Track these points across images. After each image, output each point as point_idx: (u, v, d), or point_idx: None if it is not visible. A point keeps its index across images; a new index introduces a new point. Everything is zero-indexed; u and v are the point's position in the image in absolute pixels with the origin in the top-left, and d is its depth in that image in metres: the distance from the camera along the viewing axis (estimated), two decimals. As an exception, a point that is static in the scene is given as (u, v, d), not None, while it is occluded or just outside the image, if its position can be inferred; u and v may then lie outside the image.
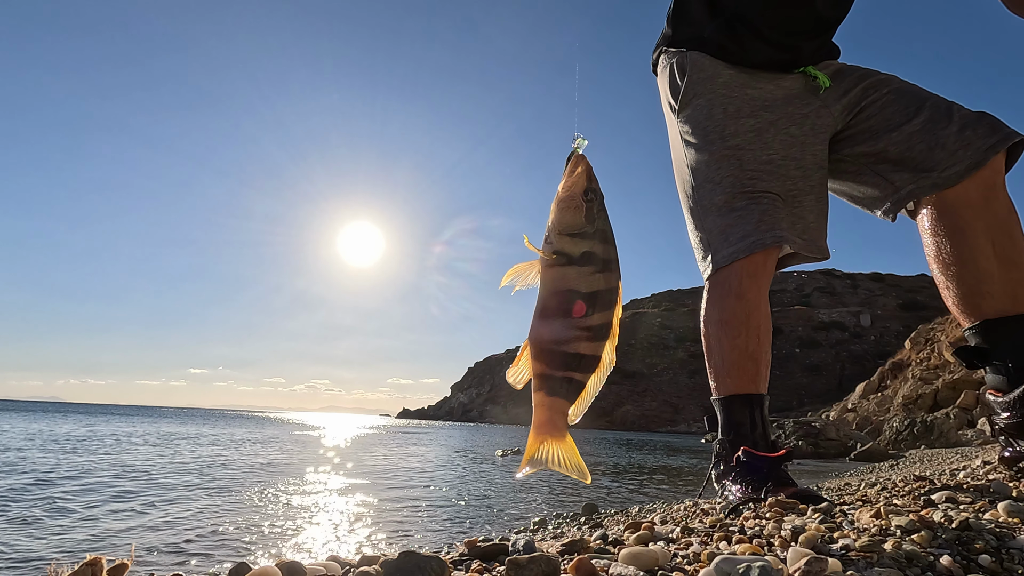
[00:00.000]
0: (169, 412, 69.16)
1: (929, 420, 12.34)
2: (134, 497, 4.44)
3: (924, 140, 1.37)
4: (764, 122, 1.45)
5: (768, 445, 1.35)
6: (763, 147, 1.44)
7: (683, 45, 1.55)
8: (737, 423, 1.38)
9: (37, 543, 2.97)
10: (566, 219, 0.92)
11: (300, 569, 0.75)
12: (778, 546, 0.78)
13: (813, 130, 1.46)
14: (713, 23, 1.51)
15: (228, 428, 20.73)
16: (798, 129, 1.45)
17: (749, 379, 1.38)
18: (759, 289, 1.40)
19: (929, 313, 37.93)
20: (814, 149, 1.46)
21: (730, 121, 1.45)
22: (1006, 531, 0.79)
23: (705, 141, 1.47)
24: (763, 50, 1.48)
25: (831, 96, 1.49)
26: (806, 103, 1.48)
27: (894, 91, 1.45)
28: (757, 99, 1.46)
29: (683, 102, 1.52)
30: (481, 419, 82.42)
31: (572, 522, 3.52)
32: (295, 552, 2.93)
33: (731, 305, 1.40)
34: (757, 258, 1.39)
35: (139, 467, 6.57)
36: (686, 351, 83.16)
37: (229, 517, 3.76)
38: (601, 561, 0.78)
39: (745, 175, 1.43)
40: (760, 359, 1.39)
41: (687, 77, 1.50)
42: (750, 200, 1.42)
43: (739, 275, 1.40)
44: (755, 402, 1.38)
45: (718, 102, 1.47)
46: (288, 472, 6.77)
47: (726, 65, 1.50)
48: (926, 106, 1.40)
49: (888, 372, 21.71)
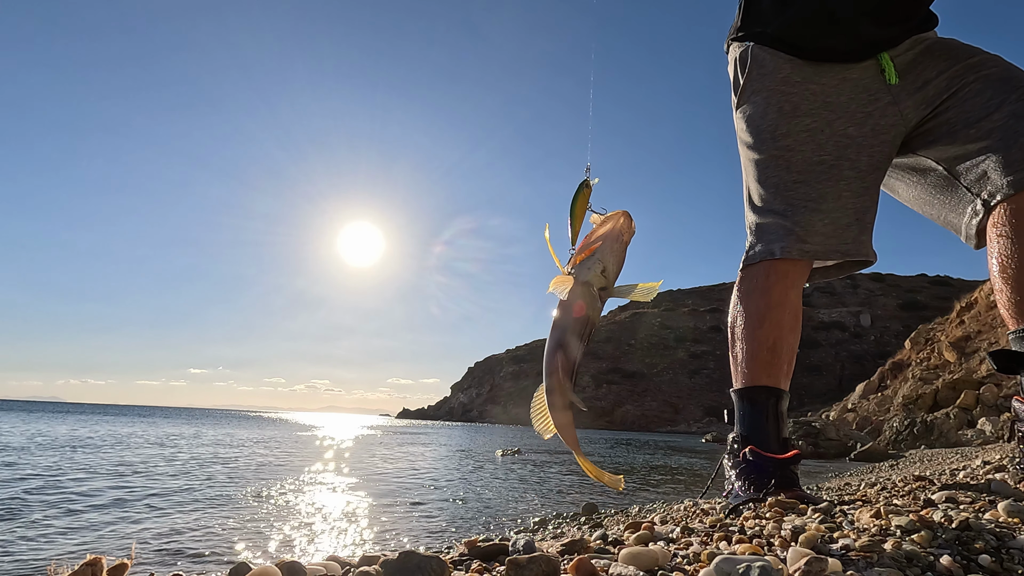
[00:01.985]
0: (169, 412, 69.18)
1: (929, 420, 12.34)
2: (134, 497, 4.44)
3: (1003, 138, 1.25)
4: (821, 121, 1.39)
5: (780, 442, 1.33)
6: (815, 148, 1.39)
7: (748, 39, 1.50)
8: (750, 416, 1.36)
9: (37, 543, 2.97)
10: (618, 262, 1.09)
11: (300, 569, 0.75)
12: (778, 546, 0.78)
13: (874, 131, 1.38)
14: (782, 15, 1.44)
15: (228, 428, 20.73)
16: (857, 129, 1.38)
17: (766, 371, 1.36)
18: (785, 288, 1.39)
19: (929, 313, 37.94)
20: (872, 151, 1.38)
21: (784, 121, 1.41)
22: (1006, 531, 0.79)
23: (757, 140, 1.45)
24: (833, 37, 1.39)
25: (905, 90, 1.37)
26: (872, 99, 1.38)
27: (983, 79, 1.31)
28: (818, 95, 1.40)
29: (740, 99, 1.50)
30: (481, 419, 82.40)
31: (572, 522, 3.52)
32: (295, 552, 2.93)
33: (755, 300, 1.40)
34: (784, 263, 1.39)
35: (139, 467, 6.57)
36: (686, 351, 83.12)
37: (229, 517, 3.76)
38: (601, 561, 0.77)
39: (790, 177, 1.40)
40: (779, 352, 1.37)
41: (747, 73, 1.47)
42: (788, 205, 1.39)
43: (766, 272, 1.40)
44: (770, 395, 1.35)
45: (774, 100, 1.43)
46: (288, 472, 6.77)
47: (789, 59, 1.43)
48: (1012, 98, 1.26)
49: (888, 372, 21.70)
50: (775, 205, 1.41)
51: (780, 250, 1.38)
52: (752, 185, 1.47)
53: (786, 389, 1.39)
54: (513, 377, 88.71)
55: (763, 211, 1.43)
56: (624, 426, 69.05)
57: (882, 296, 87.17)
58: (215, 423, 26.94)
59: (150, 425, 19.97)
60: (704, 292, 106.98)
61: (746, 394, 1.38)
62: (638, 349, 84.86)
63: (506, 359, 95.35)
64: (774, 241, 1.39)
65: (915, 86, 1.36)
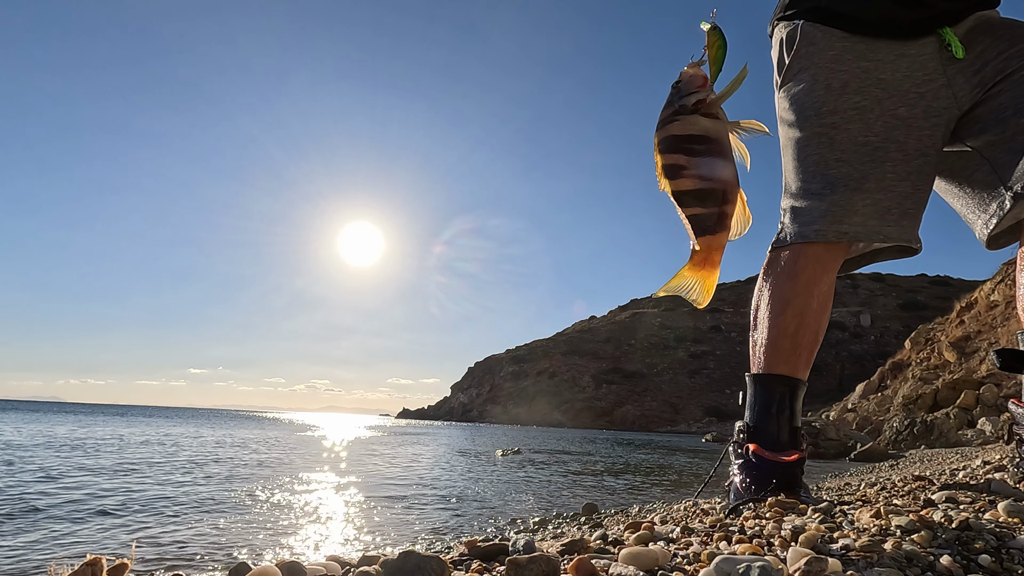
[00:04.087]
0: (169, 412, 69.19)
1: (929, 420, 12.33)
2: (134, 497, 4.44)
3: None
4: (871, 100, 1.30)
5: (790, 435, 1.30)
6: (863, 128, 1.30)
7: (798, 16, 1.40)
8: (762, 404, 1.32)
9: (37, 543, 2.97)
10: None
11: (300, 569, 0.75)
12: (778, 546, 0.78)
13: (926, 113, 1.29)
14: None
15: (228, 428, 20.72)
16: (908, 111, 1.29)
17: (784, 360, 1.31)
18: (816, 273, 1.32)
19: (929, 313, 37.92)
20: (921, 134, 1.29)
21: (831, 97, 1.32)
22: (1006, 531, 0.79)
23: (800, 118, 1.36)
24: (896, 8, 1.30)
25: (961, 72, 1.28)
26: (927, 79, 1.29)
27: None
28: (870, 73, 1.30)
29: (785, 78, 1.41)
30: (481, 419, 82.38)
31: (572, 522, 3.52)
32: (295, 552, 2.92)
33: (781, 284, 1.34)
34: (817, 247, 1.31)
35: (139, 467, 6.57)
36: (686, 351, 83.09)
37: (229, 517, 3.76)
38: (601, 561, 0.77)
39: (832, 155, 1.31)
40: (800, 341, 1.31)
41: (794, 50, 1.39)
42: (827, 184, 1.30)
43: (796, 256, 1.33)
44: (786, 385, 1.31)
45: (822, 77, 1.34)
46: (288, 472, 6.77)
47: (842, 35, 1.34)
48: None
49: (888, 372, 21.71)
50: (812, 185, 1.33)
51: (814, 232, 1.30)
52: (789, 167, 1.40)
53: (804, 378, 1.34)
54: (513, 377, 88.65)
55: (799, 193, 1.35)
56: (624, 426, 69.03)
57: (882, 296, 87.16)
58: (215, 423, 26.93)
59: (150, 425, 19.98)
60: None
61: (760, 381, 1.34)
62: (638, 349, 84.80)
63: (506, 359, 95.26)
64: (808, 223, 1.31)
65: (972, 68, 1.27)
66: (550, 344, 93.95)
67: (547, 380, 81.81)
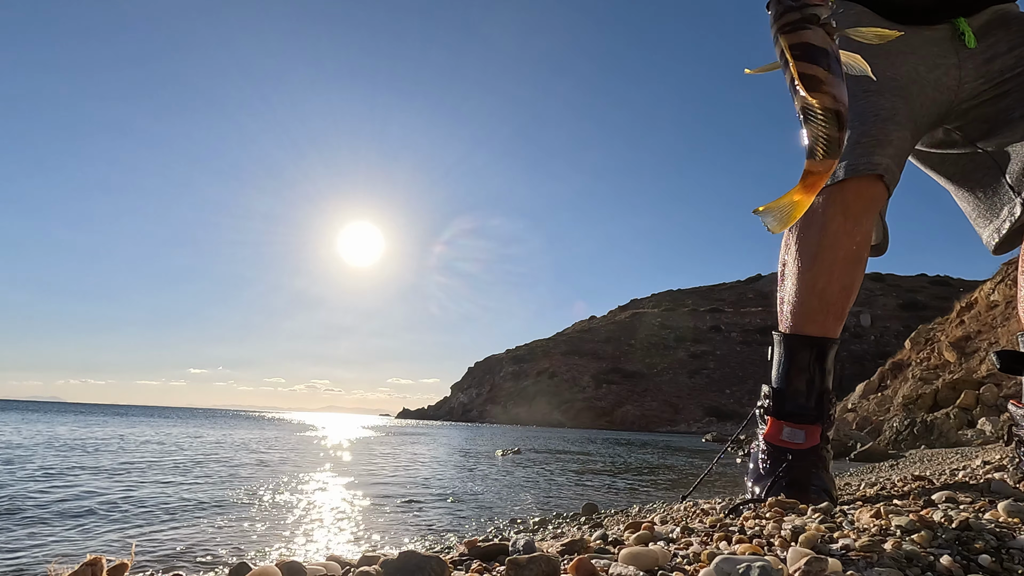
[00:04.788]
0: (169, 412, 69.17)
1: (929, 420, 12.32)
2: (134, 497, 4.44)
3: None
4: (895, 51, 1.25)
5: (817, 400, 1.24)
6: (889, 65, 1.23)
7: None
8: (787, 366, 1.25)
9: (36, 544, 2.97)
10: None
11: (300, 569, 0.75)
12: (778, 546, 0.78)
13: (936, 84, 1.26)
14: None
15: (228, 428, 20.72)
16: (926, 72, 1.25)
17: (811, 319, 1.23)
18: (849, 220, 1.21)
19: (929, 313, 37.87)
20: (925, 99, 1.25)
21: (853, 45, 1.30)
22: (1006, 531, 0.79)
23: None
24: None
25: (972, 59, 1.26)
26: (942, 55, 1.27)
27: None
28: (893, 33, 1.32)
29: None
30: (481, 419, 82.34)
31: (572, 522, 3.51)
32: (295, 552, 2.92)
33: (810, 235, 1.23)
34: (849, 185, 1.20)
35: (139, 467, 6.57)
36: (686, 351, 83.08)
37: (229, 517, 3.76)
38: (601, 561, 0.77)
39: (860, 87, 1.20)
40: (829, 298, 1.22)
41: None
42: (857, 115, 1.19)
43: (826, 202, 1.22)
44: (813, 347, 1.24)
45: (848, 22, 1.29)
46: (288, 472, 6.77)
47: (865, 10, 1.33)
48: None
49: (888, 372, 21.69)
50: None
51: (844, 169, 1.19)
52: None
53: (836, 335, 1.26)
54: (513, 377, 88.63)
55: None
56: (624, 426, 69.03)
57: (882, 296, 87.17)
58: (215, 423, 26.92)
59: (150, 425, 19.97)
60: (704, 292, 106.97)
61: (787, 342, 1.27)
62: (638, 349, 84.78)
63: (506, 359, 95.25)
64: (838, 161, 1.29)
65: (983, 57, 1.27)
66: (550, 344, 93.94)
67: (547, 380, 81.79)
